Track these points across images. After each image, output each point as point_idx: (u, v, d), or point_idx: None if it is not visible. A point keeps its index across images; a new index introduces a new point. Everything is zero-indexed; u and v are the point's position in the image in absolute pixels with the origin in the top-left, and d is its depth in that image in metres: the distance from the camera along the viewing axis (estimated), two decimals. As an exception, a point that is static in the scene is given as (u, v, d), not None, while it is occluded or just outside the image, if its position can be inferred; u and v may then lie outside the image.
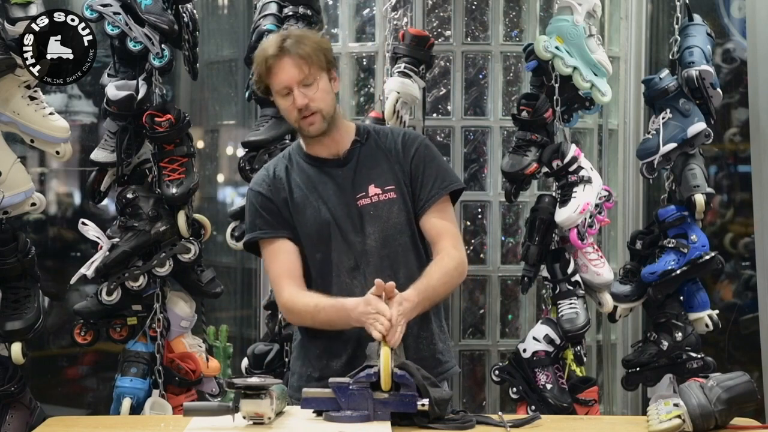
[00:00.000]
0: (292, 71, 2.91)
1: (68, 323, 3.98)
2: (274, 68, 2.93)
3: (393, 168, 3.02)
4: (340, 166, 3.02)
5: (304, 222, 2.98)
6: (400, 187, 3.01)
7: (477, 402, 4.41)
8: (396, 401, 2.62)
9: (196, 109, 5.09)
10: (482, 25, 4.41)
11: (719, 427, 2.70)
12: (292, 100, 2.93)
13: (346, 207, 2.98)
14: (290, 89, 2.92)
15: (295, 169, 3.03)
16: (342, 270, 2.97)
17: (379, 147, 3.04)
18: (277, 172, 3.04)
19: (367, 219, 2.98)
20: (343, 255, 2.97)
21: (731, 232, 5.08)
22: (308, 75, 2.92)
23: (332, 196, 2.99)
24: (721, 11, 4.98)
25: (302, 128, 2.97)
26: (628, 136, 4.59)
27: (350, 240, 2.97)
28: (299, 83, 2.92)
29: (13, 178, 3.53)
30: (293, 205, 2.99)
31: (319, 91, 2.94)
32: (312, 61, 2.92)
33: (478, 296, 4.44)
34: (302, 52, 2.92)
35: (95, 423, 3.02)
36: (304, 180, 3.01)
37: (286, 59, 2.92)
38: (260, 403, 2.58)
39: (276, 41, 2.96)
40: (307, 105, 2.92)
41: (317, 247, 2.98)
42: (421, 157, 3.03)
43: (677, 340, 3.84)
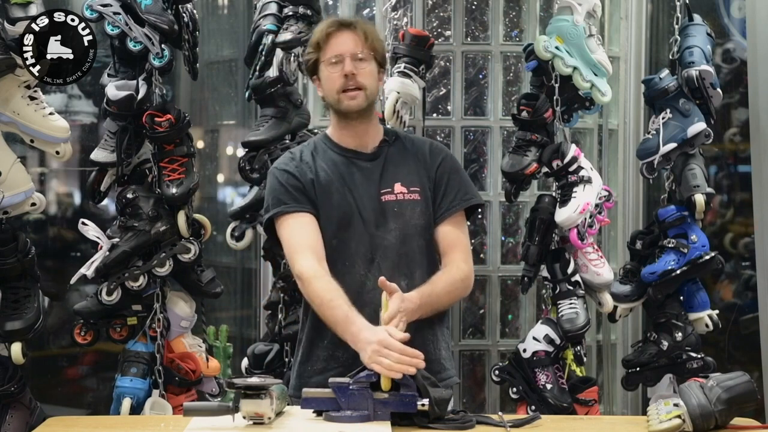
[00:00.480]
0: (350, 42, 2.97)
1: (68, 323, 3.98)
2: (333, 36, 2.97)
3: (419, 172, 3.05)
4: (367, 159, 3.04)
5: (329, 204, 2.99)
6: (424, 191, 3.03)
7: (477, 402, 4.41)
8: (396, 401, 2.62)
9: (196, 109, 5.09)
10: (482, 25, 4.42)
11: (719, 427, 2.70)
12: (340, 68, 2.95)
13: (371, 199, 2.99)
14: (342, 58, 2.95)
15: (320, 155, 3.04)
16: (358, 260, 2.97)
17: (407, 149, 3.07)
18: (303, 156, 3.05)
19: (390, 215, 2.99)
20: (360, 245, 2.97)
21: (731, 232, 5.08)
22: (364, 51, 2.97)
23: (358, 186, 3.00)
24: (721, 11, 4.98)
25: (341, 102, 2.97)
26: (628, 136, 4.59)
27: (370, 232, 2.98)
28: (353, 55, 2.96)
29: (13, 178, 3.53)
30: (319, 186, 2.99)
31: (369, 70, 2.98)
32: (371, 43, 2.99)
33: (478, 296, 4.44)
34: (366, 30, 2.99)
35: (95, 423, 3.02)
36: (331, 166, 3.02)
37: (348, 31, 2.99)
38: (260, 403, 2.58)
39: (337, 18, 3.06)
40: (354, 76, 2.94)
41: (336, 232, 2.98)
42: (446, 166, 3.07)
43: (677, 340, 3.84)
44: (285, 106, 3.88)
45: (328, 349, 2.98)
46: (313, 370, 3.00)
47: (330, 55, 2.97)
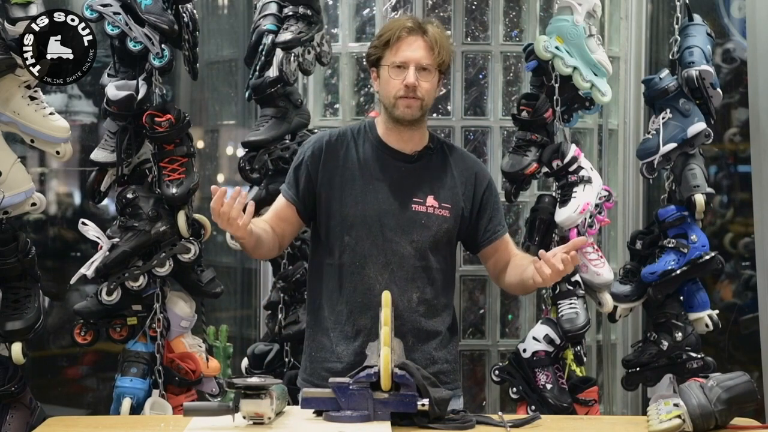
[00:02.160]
0: (420, 52, 2.95)
1: (68, 323, 3.98)
2: (405, 40, 2.95)
3: (456, 189, 3.04)
4: (407, 162, 3.02)
5: (345, 201, 2.98)
6: (455, 210, 3.04)
7: (477, 402, 4.41)
8: (396, 401, 2.63)
9: (196, 109, 5.09)
10: (482, 25, 4.42)
11: (719, 427, 2.71)
12: (403, 75, 2.93)
13: (398, 205, 2.98)
14: (407, 65, 2.93)
15: (361, 144, 3.03)
16: (370, 262, 2.96)
17: (449, 163, 3.07)
18: (339, 139, 3.05)
19: (417, 225, 2.98)
20: (375, 249, 2.96)
21: (731, 232, 5.08)
22: (431, 63, 2.96)
23: (386, 189, 2.98)
24: (721, 11, 4.98)
25: (396, 107, 2.96)
26: (628, 136, 4.59)
27: (388, 237, 2.97)
28: (419, 65, 2.94)
29: (13, 178, 3.53)
30: (340, 180, 2.99)
31: (431, 84, 2.98)
32: (440, 54, 2.97)
33: (478, 296, 4.44)
34: (439, 39, 2.97)
35: (95, 423, 3.02)
36: (365, 160, 3.01)
37: (422, 39, 2.96)
38: (260, 403, 2.58)
39: (412, 19, 3.01)
40: (415, 87, 2.93)
41: (348, 230, 2.97)
42: (492, 191, 3.12)
43: (677, 340, 3.84)
44: (285, 106, 3.88)
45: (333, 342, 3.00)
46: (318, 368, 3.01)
47: (396, 59, 2.95)
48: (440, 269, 3.03)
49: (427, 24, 3.00)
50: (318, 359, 3.03)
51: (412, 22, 2.99)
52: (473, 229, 3.08)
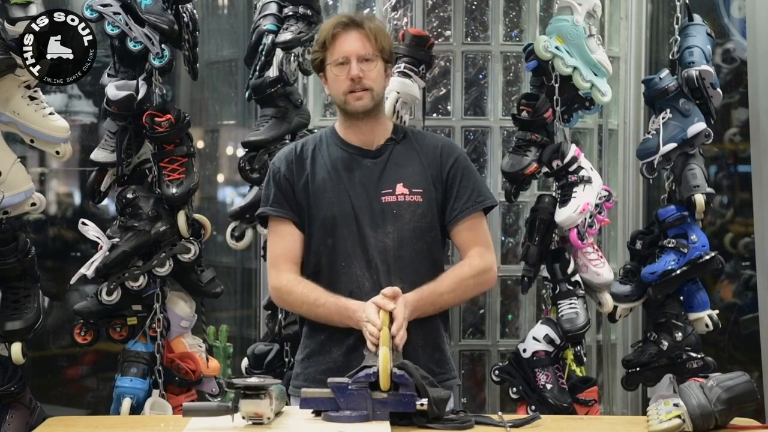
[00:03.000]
0: (357, 43, 2.95)
1: (68, 323, 3.98)
2: (339, 36, 2.96)
3: (426, 172, 3.03)
4: (371, 157, 3.02)
5: (322, 206, 2.98)
6: (428, 193, 3.01)
7: (477, 402, 4.41)
8: (395, 401, 2.62)
9: (196, 109, 5.09)
10: (482, 25, 4.41)
11: (719, 427, 2.70)
12: (347, 70, 2.94)
13: (368, 200, 2.98)
14: (348, 59, 2.94)
15: (323, 150, 3.04)
16: (354, 261, 2.96)
17: (414, 148, 3.06)
18: (303, 150, 3.05)
19: (389, 217, 2.98)
20: (357, 247, 2.96)
21: (731, 232, 5.08)
22: (371, 52, 2.96)
23: (357, 186, 2.99)
24: (721, 11, 4.98)
25: (348, 102, 2.97)
26: (628, 136, 4.59)
27: (366, 233, 2.97)
28: (360, 57, 2.95)
29: (13, 178, 3.53)
30: (313, 186, 3.00)
31: (375, 72, 2.97)
32: (378, 43, 2.97)
33: (479, 296, 4.43)
34: (373, 28, 2.97)
35: (95, 423, 3.02)
36: (331, 163, 3.01)
37: (355, 31, 2.97)
38: (259, 404, 2.58)
39: (349, 15, 3.04)
40: (360, 79, 2.94)
41: (330, 233, 2.97)
42: (459, 167, 3.05)
43: (677, 340, 3.84)
44: (285, 106, 3.88)
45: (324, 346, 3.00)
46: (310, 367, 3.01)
47: (336, 56, 2.96)
48: (424, 256, 3.01)
49: (360, 17, 3.02)
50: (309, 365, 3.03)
51: (345, 18, 3.01)
52: (444, 211, 3.04)
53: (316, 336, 3.01)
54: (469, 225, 3.03)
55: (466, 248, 3.04)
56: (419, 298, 2.90)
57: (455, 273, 3.00)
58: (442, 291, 2.96)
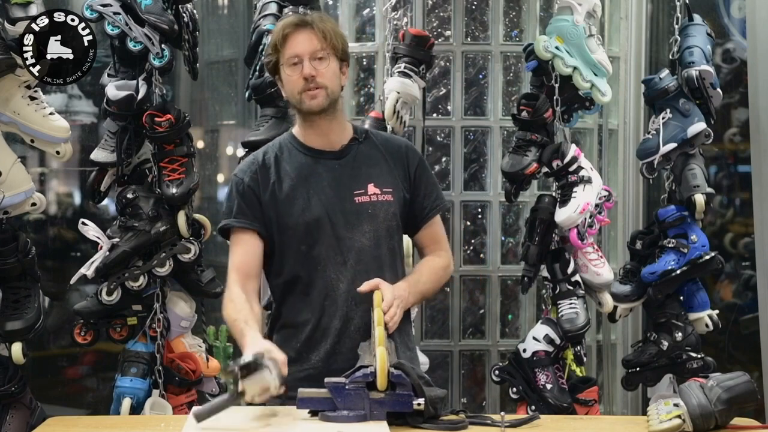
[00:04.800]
0: (307, 42, 2.93)
1: (68, 323, 3.98)
2: (290, 37, 2.94)
3: (392, 172, 3.03)
4: (336, 158, 3.01)
5: (292, 213, 2.96)
6: (397, 192, 3.02)
7: (477, 402, 4.41)
8: (392, 401, 2.62)
9: (196, 109, 5.09)
10: (482, 25, 4.42)
11: (719, 427, 2.70)
12: (299, 70, 2.93)
13: (341, 201, 2.97)
14: (301, 59, 2.93)
15: (286, 157, 3.01)
16: (329, 265, 2.96)
17: (379, 149, 3.05)
18: (266, 160, 3.02)
19: (365, 217, 2.97)
20: (331, 250, 2.96)
21: (731, 232, 5.08)
22: (322, 50, 2.94)
23: (326, 189, 2.98)
24: (721, 11, 4.98)
25: (303, 102, 2.95)
26: (628, 136, 4.59)
27: (340, 235, 2.96)
28: (311, 55, 2.93)
29: (13, 178, 3.53)
30: (281, 195, 2.98)
31: (329, 70, 2.95)
32: (329, 40, 2.95)
33: (478, 296, 4.44)
34: (323, 27, 2.95)
35: (95, 423, 3.02)
36: (296, 169, 2.99)
37: (305, 31, 2.94)
38: (263, 377, 2.57)
39: (298, 15, 3.01)
40: (314, 77, 2.92)
41: (303, 239, 2.96)
42: (422, 167, 3.09)
43: (677, 340, 3.84)
44: (285, 106, 3.87)
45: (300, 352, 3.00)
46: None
47: (288, 57, 2.94)
48: (397, 254, 3.04)
49: (311, 17, 2.99)
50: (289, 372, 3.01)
51: (295, 19, 2.99)
52: (412, 209, 3.07)
53: (290, 343, 2.99)
54: (434, 222, 3.10)
55: (431, 244, 3.11)
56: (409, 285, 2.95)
57: (431, 264, 3.07)
58: (425, 281, 3.02)
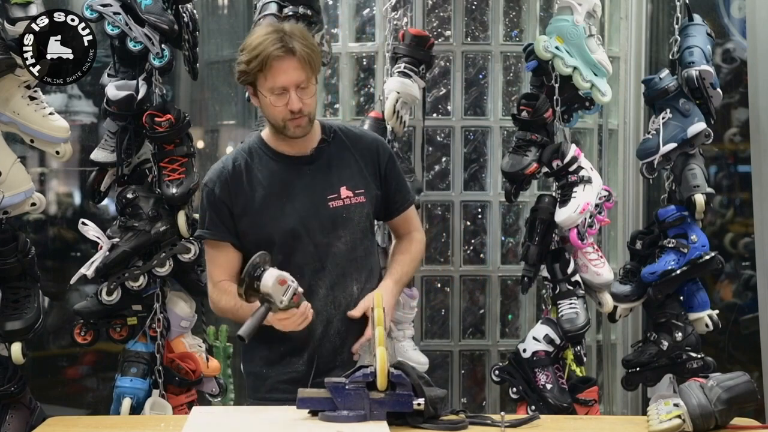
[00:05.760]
0: (294, 74, 2.90)
1: (68, 323, 3.98)
2: (275, 66, 2.89)
3: (363, 171, 3.05)
4: (308, 163, 3.01)
5: (267, 222, 2.97)
6: (369, 191, 3.04)
7: (477, 402, 4.41)
8: (392, 401, 2.62)
9: (196, 109, 5.09)
10: (482, 25, 4.41)
11: (719, 427, 2.70)
12: (285, 100, 2.91)
13: (315, 208, 2.98)
14: (287, 90, 2.91)
15: (257, 164, 3.01)
16: (306, 271, 2.96)
17: (348, 148, 3.06)
18: (236, 167, 3.01)
19: (340, 221, 2.99)
20: (308, 257, 2.97)
21: (731, 232, 5.08)
22: (307, 79, 2.92)
23: (300, 195, 2.98)
24: (721, 11, 4.98)
25: (287, 128, 2.95)
26: (628, 136, 4.59)
27: (317, 241, 2.97)
28: (297, 86, 2.91)
29: (13, 178, 3.53)
30: (254, 206, 2.98)
31: (311, 96, 2.95)
32: (312, 66, 2.93)
33: (478, 296, 4.43)
34: (306, 55, 2.91)
35: (95, 423, 3.02)
36: (268, 177, 2.99)
37: (291, 60, 2.90)
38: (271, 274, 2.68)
39: (277, 39, 2.90)
40: (300, 109, 2.92)
41: (280, 249, 2.96)
42: (392, 162, 3.11)
43: (677, 340, 3.84)
44: (285, 106, 3.88)
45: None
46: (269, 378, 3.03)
47: (273, 86, 2.90)
48: (371, 253, 3.07)
49: (292, 41, 2.90)
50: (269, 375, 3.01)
51: (280, 46, 2.89)
52: (384, 203, 3.10)
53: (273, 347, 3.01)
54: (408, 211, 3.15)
55: (404, 225, 3.18)
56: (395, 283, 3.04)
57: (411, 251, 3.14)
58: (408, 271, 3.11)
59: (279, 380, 2.97)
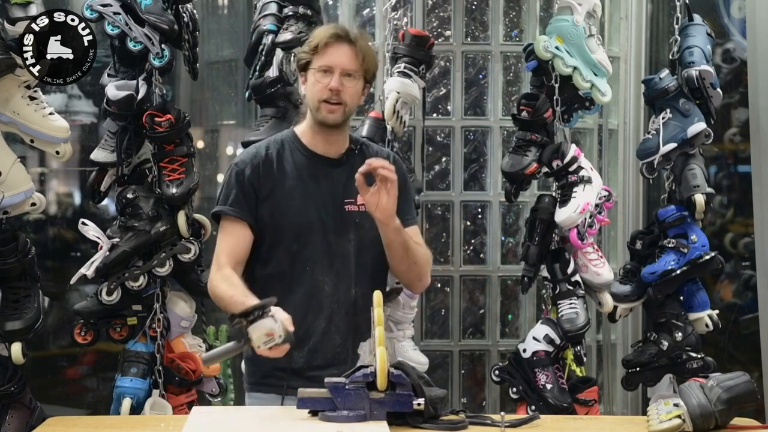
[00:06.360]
0: (346, 57, 2.99)
1: (68, 323, 3.98)
2: (331, 45, 2.99)
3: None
4: (335, 166, 3.06)
5: (288, 211, 3.01)
6: None
7: (477, 402, 4.41)
8: (392, 401, 2.62)
9: (196, 109, 5.09)
10: (482, 25, 4.42)
11: (719, 427, 2.70)
12: (329, 79, 2.97)
13: (334, 208, 3.03)
14: (332, 70, 2.97)
15: (287, 156, 3.06)
16: (317, 267, 3.01)
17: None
18: (269, 154, 3.06)
19: (352, 225, 3.03)
20: (320, 253, 3.01)
21: (731, 232, 5.08)
22: (356, 69, 3.00)
23: (323, 194, 3.03)
24: (721, 11, 4.98)
25: (320, 111, 3.00)
26: (628, 136, 4.59)
27: (330, 240, 3.02)
28: (343, 70, 2.98)
29: (13, 178, 3.53)
30: (281, 192, 3.02)
31: (354, 89, 3.02)
32: (365, 62, 3.02)
33: (478, 296, 4.44)
34: (364, 48, 3.02)
35: (95, 423, 3.02)
36: (296, 169, 3.04)
37: (348, 45, 3.00)
38: (266, 324, 2.60)
39: (345, 28, 3.08)
40: (339, 91, 2.97)
41: (295, 239, 3.01)
42: (404, 181, 3.11)
43: (677, 340, 3.84)
44: (285, 106, 3.89)
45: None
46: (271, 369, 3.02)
47: (322, 64, 2.99)
48: (382, 262, 3.06)
49: (356, 34, 3.05)
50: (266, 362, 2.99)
51: (341, 30, 3.05)
52: None
53: None
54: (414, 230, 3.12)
55: None
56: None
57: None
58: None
59: (276, 367, 2.97)
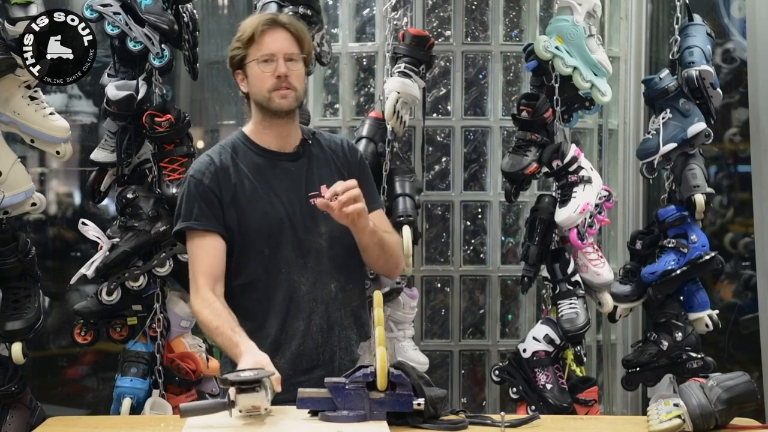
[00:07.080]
0: (283, 42, 2.95)
1: (68, 323, 3.98)
2: (265, 34, 2.94)
3: (339, 171, 3.04)
4: (292, 160, 3.02)
5: (255, 214, 2.96)
6: None
7: (477, 402, 4.41)
8: (392, 401, 2.62)
9: (196, 109, 5.09)
10: (482, 25, 4.41)
11: (719, 427, 2.70)
12: (272, 68, 2.92)
13: (299, 204, 2.98)
14: (275, 58, 2.93)
15: (241, 158, 3.00)
16: (292, 268, 2.96)
17: (325, 150, 3.07)
18: (223, 160, 2.99)
19: (320, 218, 2.97)
20: (292, 251, 2.96)
21: (731, 232, 5.08)
22: (297, 52, 2.96)
23: (286, 191, 2.98)
24: (721, 11, 4.98)
25: (272, 100, 2.95)
26: (628, 136, 4.59)
27: (300, 237, 2.97)
28: (286, 55, 2.94)
29: (13, 178, 3.54)
30: (243, 196, 2.96)
31: (299, 72, 2.98)
32: (302, 43, 2.98)
33: (478, 296, 4.43)
34: (297, 29, 2.98)
35: (95, 423, 3.02)
36: (254, 171, 2.99)
37: (281, 30, 2.96)
38: (256, 396, 2.57)
39: (270, 15, 3.01)
40: (287, 77, 2.93)
41: (266, 241, 2.95)
42: (363, 166, 3.10)
43: (677, 340, 3.84)
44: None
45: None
46: None
47: (262, 53, 2.94)
48: (354, 252, 3.02)
49: (285, 18, 3.01)
50: None
51: (271, 17, 3.00)
52: None
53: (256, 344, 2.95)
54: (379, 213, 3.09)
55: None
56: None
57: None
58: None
59: None
